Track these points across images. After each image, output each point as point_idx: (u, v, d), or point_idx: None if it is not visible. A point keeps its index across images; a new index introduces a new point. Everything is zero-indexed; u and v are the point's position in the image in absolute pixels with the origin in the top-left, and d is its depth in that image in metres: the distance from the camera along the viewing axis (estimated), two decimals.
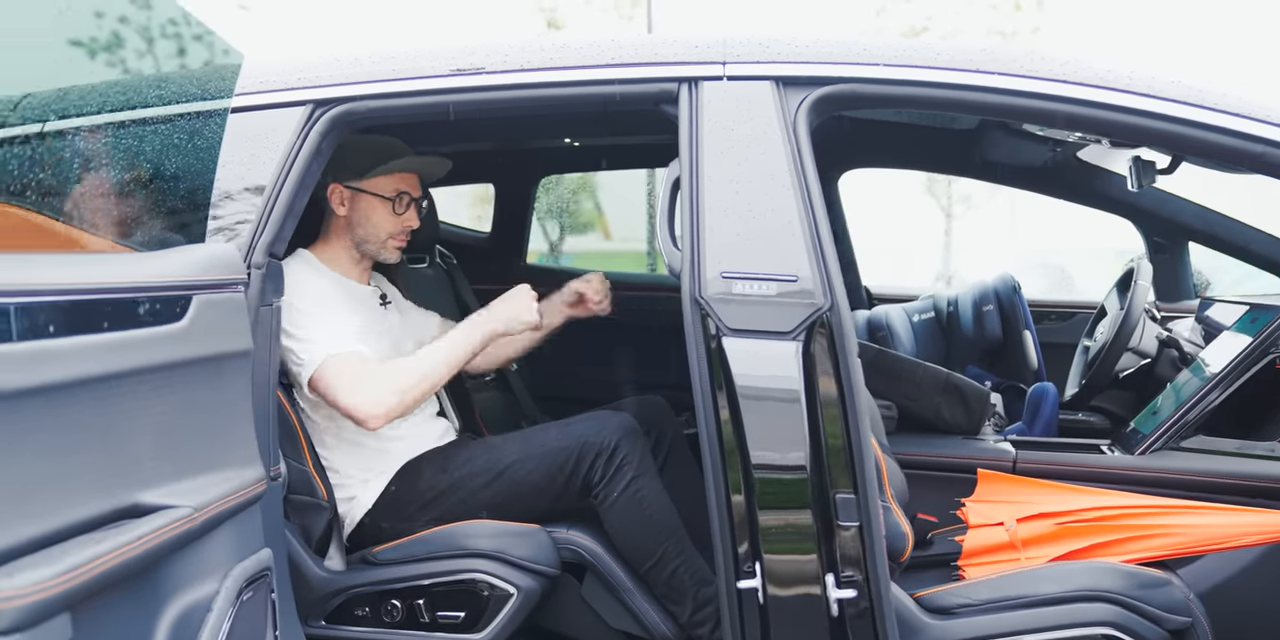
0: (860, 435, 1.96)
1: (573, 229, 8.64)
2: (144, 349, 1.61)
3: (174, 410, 1.69)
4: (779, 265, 1.99)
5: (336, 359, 2.30)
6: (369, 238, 2.54)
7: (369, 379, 2.29)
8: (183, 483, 1.68)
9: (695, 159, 2.06)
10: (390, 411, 2.29)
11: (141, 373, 1.60)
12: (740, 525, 1.99)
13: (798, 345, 1.96)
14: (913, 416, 2.92)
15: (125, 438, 1.57)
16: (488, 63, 2.17)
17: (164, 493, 1.62)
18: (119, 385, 1.55)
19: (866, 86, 2.07)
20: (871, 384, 2.85)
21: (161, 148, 1.93)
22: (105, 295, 1.57)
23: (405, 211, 2.55)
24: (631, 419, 2.42)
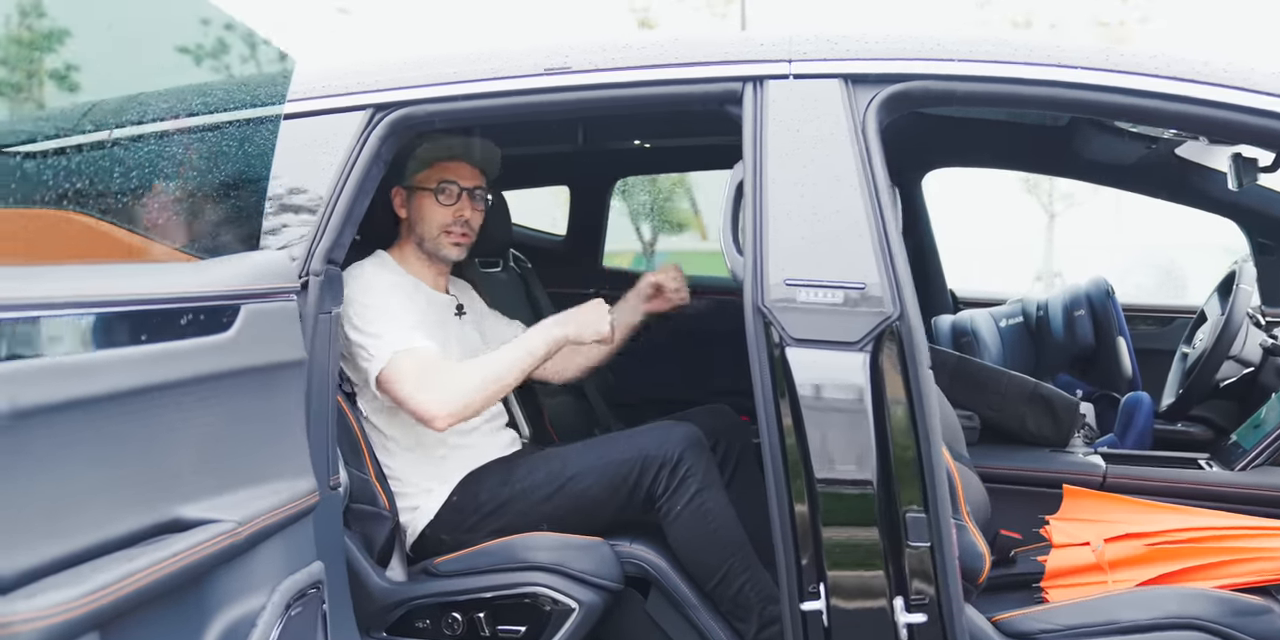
0: (932, 451, 1.86)
1: (667, 228, 8.57)
2: (189, 360, 1.59)
3: (220, 422, 1.66)
4: (845, 272, 1.90)
5: (404, 355, 2.26)
6: (425, 234, 2.52)
7: (437, 377, 2.26)
8: (228, 496, 1.65)
9: (759, 161, 1.98)
10: (456, 412, 2.25)
11: (186, 384, 1.58)
12: (804, 543, 1.91)
13: (865, 356, 1.87)
14: (997, 427, 2.79)
15: (167, 451, 1.55)
16: (548, 65, 2.12)
17: (207, 506, 1.59)
18: (162, 397, 1.53)
19: (939, 83, 1.97)
20: (953, 393, 2.75)
21: (212, 155, 1.92)
22: (149, 306, 1.55)
23: (454, 202, 2.50)
24: (696, 430, 2.35)
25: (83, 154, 2.01)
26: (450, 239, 2.51)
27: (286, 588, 1.73)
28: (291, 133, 2.19)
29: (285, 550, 1.78)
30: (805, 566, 1.91)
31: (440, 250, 2.52)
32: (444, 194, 2.49)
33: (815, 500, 1.89)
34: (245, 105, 2.00)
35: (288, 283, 1.88)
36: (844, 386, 1.88)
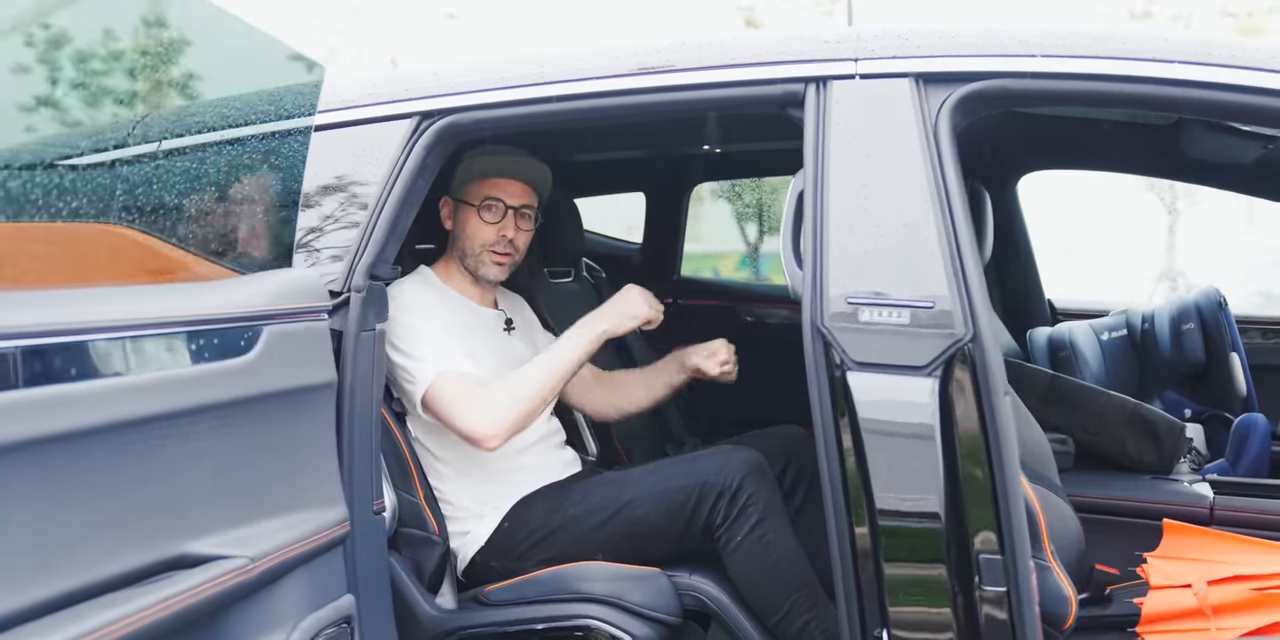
0: (1009, 487, 1.69)
1: (772, 231, 8.39)
2: (201, 387, 1.51)
3: (237, 451, 1.58)
4: (913, 289, 1.74)
5: (447, 377, 2.18)
6: (467, 250, 2.41)
7: (483, 397, 2.16)
8: (244, 529, 1.57)
9: (820, 168, 1.83)
10: (508, 429, 2.16)
11: (198, 412, 1.50)
12: (866, 582, 1.76)
13: (934, 382, 1.71)
14: (1093, 452, 2.60)
15: (176, 483, 1.47)
16: (596, 70, 2.00)
17: (219, 542, 1.51)
18: (169, 427, 1.45)
19: (1020, 82, 1.79)
20: (1045, 415, 2.55)
21: (241, 170, 1.84)
22: (156, 331, 1.47)
23: (499, 220, 2.39)
24: (758, 456, 2.20)
25: (126, 167, 1.94)
26: (492, 258, 2.40)
27: (308, 626, 1.65)
28: (335, 143, 2.11)
29: (309, 585, 1.69)
30: (867, 607, 1.76)
31: (480, 269, 2.41)
32: (489, 211, 2.39)
33: (877, 538, 1.73)
34: (273, 118, 1.91)
35: (316, 301, 1.79)
36: (910, 415, 1.72)
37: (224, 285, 1.70)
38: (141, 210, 1.82)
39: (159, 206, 1.83)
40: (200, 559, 1.47)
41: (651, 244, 4.01)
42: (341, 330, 1.98)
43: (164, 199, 1.80)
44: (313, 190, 2.09)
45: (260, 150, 1.87)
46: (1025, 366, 2.80)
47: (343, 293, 1.99)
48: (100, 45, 1.83)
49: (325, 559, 1.74)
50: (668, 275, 3.94)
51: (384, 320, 2.07)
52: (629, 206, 4.06)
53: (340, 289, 2.00)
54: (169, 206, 1.77)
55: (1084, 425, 2.60)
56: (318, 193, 2.08)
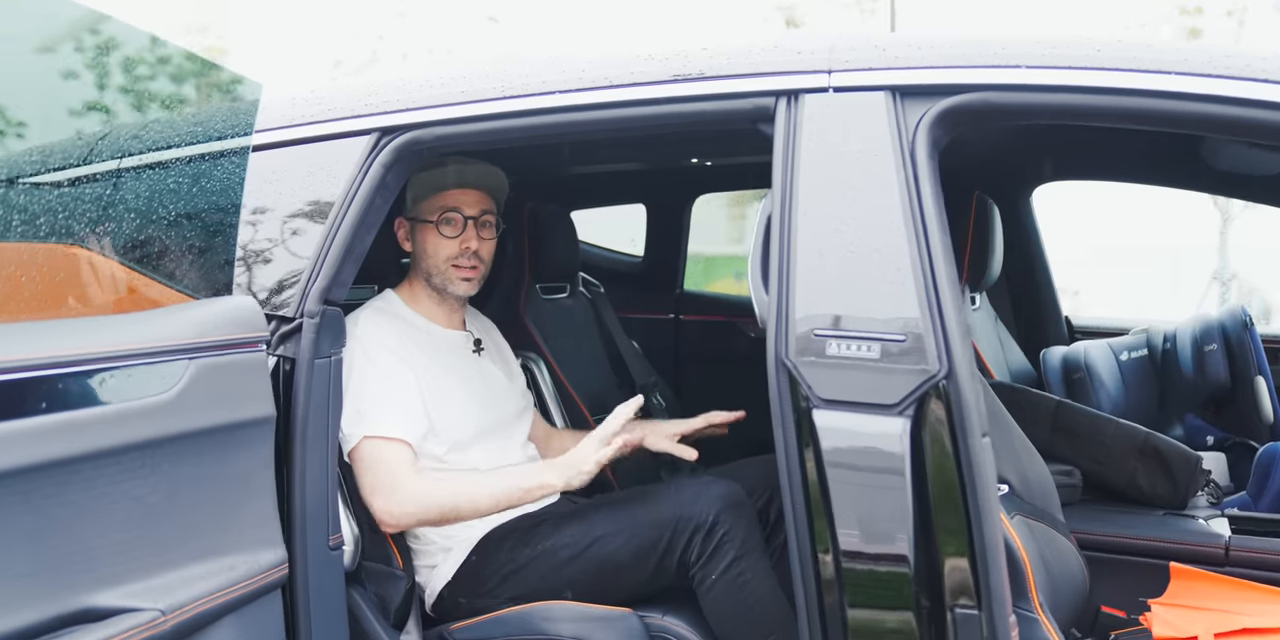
0: (986, 536, 1.56)
1: None
2: (110, 427, 1.42)
3: (156, 493, 1.49)
4: (884, 321, 1.61)
5: (375, 444, 2.08)
6: (431, 269, 2.30)
7: (399, 482, 2.06)
8: (160, 578, 1.47)
9: (789, 187, 1.71)
10: (404, 525, 2.09)
11: (105, 455, 1.41)
12: (833, 631, 1.64)
13: (905, 422, 1.58)
14: (1101, 484, 2.45)
15: (81, 530, 1.37)
16: (558, 84, 1.89)
17: (129, 592, 1.42)
18: (71, 471, 1.36)
19: (1003, 95, 1.65)
20: (1050, 445, 2.42)
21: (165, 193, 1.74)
22: (56, 371, 1.37)
23: (459, 232, 2.28)
24: (737, 489, 2.08)
25: (85, 186, 1.86)
26: (459, 273, 2.28)
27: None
28: (289, 161, 2.02)
29: (240, 633, 1.59)
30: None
31: (448, 286, 2.30)
32: (447, 225, 2.28)
33: (842, 582, 1.61)
34: (205, 138, 1.82)
35: (250, 332, 1.69)
36: (879, 458, 1.59)
37: (146, 317, 1.60)
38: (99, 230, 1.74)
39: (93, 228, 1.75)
40: (106, 612, 1.38)
41: (652, 257, 3.89)
42: (294, 358, 1.89)
43: (92, 222, 1.71)
44: (264, 212, 1.99)
45: (189, 172, 1.77)
46: (1030, 392, 2.66)
47: (295, 318, 1.90)
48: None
49: (259, 605, 1.64)
50: (669, 289, 3.83)
51: (341, 346, 1.98)
52: (635, 218, 3.95)
53: (292, 314, 1.90)
54: (99, 230, 1.68)
55: (1091, 455, 2.45)
56: (269, 214, 1.99)
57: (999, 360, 3.16)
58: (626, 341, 3.38)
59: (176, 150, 1.76)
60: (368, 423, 2.09)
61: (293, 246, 1.96)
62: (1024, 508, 1.97)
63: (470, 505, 2.07)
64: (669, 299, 3.79)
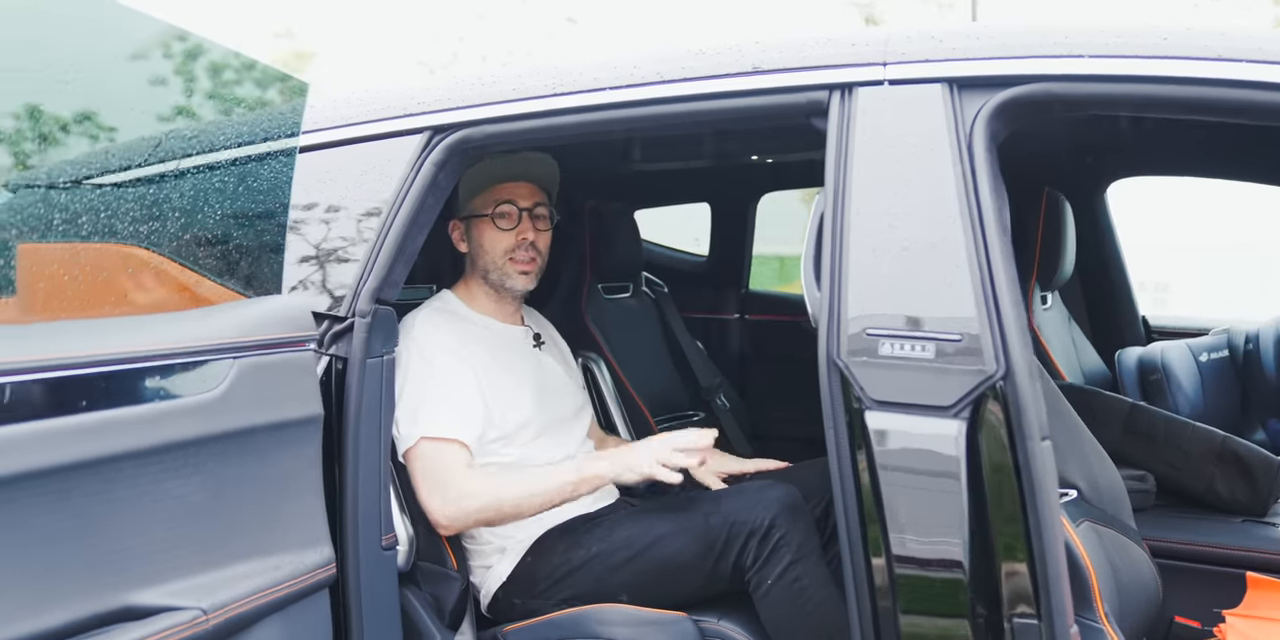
0: (1046, 543, 1.50)
1: None
2: (150, 427, 1.42)
3: (198, 493, 1.49)
4: (939, 320, 1.56)
5: (431, 445, 2.08)
6: (489, 266, 2.29)
7: (454, 482, 2.06)
8: (202, 577, 1.47)
9: (842, 183, 1.66)
10: (462, 525, 2.09)
11: (147, 453, 1.41)
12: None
13: (960, 424, 1.52)
14: (1178, 490, 2.36)
15: (123, 529, 1.38)
16: (615, 78, 1.86)
17: (171, 591, 1.42)
18: (115, 469, 1.36)
19: (1065, 85, 1.59)
20: (1123, 448, 2.34)
21: (220, 190, 1.75)
22: (101, 369, 1.38)
23: (515, 225, 2.27)
24: (793, 493, 2.03)
25: (145, 186, 1.88)
26: (517, 266, 2.27)
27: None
28: (342, 161, 2.03)
29: (283, 635, 1.59)
30: None
31: (507, 281, 2.29)
32: (503, 218, 2.27)
33: (896, 595, 1.56)
34: (257, 137, 1.82)
35: (296, 331, 1.69)
36: (934, 462, 1.54)
37: (190, 316, 1.61)
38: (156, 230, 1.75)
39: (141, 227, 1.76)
40: (147, 611, 1.38)
41: (717, 256, 3.85)
42: (346, 357, 1.89)
43: (139, 221, 1.73)
44: (317, 211, 2.00)
45: (237, 172, 1.77)
46: (1102, 394, 2.57)
47: (346, 318, 1.90)
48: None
49: (305, 605, 1.64)
50: (735, 289, 3.78)
51: (393, 346, 1.98)
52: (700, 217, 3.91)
53: (344, 314, 1.91)
54: (147, 229, 1.69)
55: (1166, 459, 2.36)
56: (323, 214, 2.00)
57: (1071, 362, 3.06)
58: (691, 342, 3.35)
59: (224, 151, 1.77)
60: (424, 423, 2.08)
61: (345, 246, 1.96)
62: (1093, 513, 1.90)
63: (527, 499, 2.06)
64: (734, 298, 3.74)
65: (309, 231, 1.99)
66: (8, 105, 1.60)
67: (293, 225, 1.99)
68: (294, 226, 1.98)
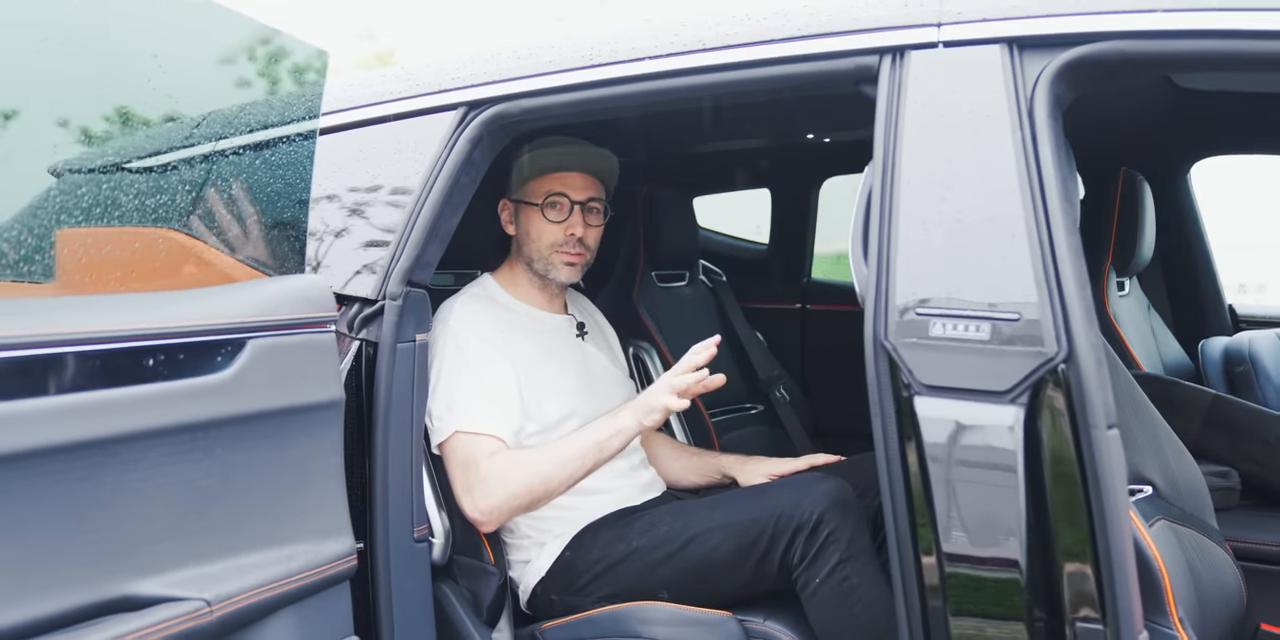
0: (1113, 539, 1.37)
1: None
2: (156, 408, 1.35)
3: (206, 478, 1.42)
4: (996, 298, 1.44)
5: (465, 439, 2.01)
6: (534, 254, 2.21)
7: (486, 478, 1.98)
8: (209, 566, 1.40)
9: (891, 153, 1.55)
10: (500, 517, 2.00)
11: (151, 436, 1.34)
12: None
13: (1018, 411, 1.40)
14: (1264, 487, 2.19)
15: (115, 515, 1.31)
16: (655, 47, 1.77)
17: (171, 581, 1.35)
18: (116, 451, 1.30)
19: (1137, 43, 1.45)
20: (1205, 442, 2.20)
21: (248, 173, 1.70)
22: (103, 346, 1.32)
23: (565, 217, 2.18)
24: (844, 487, 1.92)
25: (181, 170, 1.84)
26: (562, 258, 2.19)
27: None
28: (376, 139, 1.97)
29: (298, 628, 1.52)
30: None
31: (550, 271, 2.20)
32: (553, 209, 2.18)
33: (945, 594, 1.45)
34: (275, 113, 1.76)
35: (316, 311, 1.61)
36: (988, 450, 1.42)
37: (203, 294, 1.55)
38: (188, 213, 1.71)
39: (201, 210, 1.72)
40: (147, 601, 1.32)
41: (778, 244, 3.72)
42: (376, 342, 1.82)
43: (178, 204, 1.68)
44: (348, 191, 1.94)
45: (255, 148, 1.71)
46: (1181, 385, 2.41)
47: (377, 300, 1.84)
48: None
49: (322, 598, 1.57)
50: (796, 279, 3.65)
51: (426, 330, 1.91)
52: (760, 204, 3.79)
53: (375, 296, 1.84)
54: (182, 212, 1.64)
55: (1251, 454, 2.21)
56: (356, 193, 1.94)
57: (1150, 351, 2.89)
58: (750, 332, 3.24)
59: (243, 130, 1.71)
60: (459, 416, 2.01)
61: (378, 226, 1.90)
62: (1170, 511, 1.76)
63: (557, 469, 1.97)
64: (795, 288, 3.62)
65: (340, 212, 1.93)
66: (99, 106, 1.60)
67: (324, 205, 1.93)
68: (326, 206, 1.93)
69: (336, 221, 1.92)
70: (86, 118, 1.59)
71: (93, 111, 1.60)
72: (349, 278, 1.87)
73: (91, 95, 1.59)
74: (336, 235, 1.91)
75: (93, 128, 1.62)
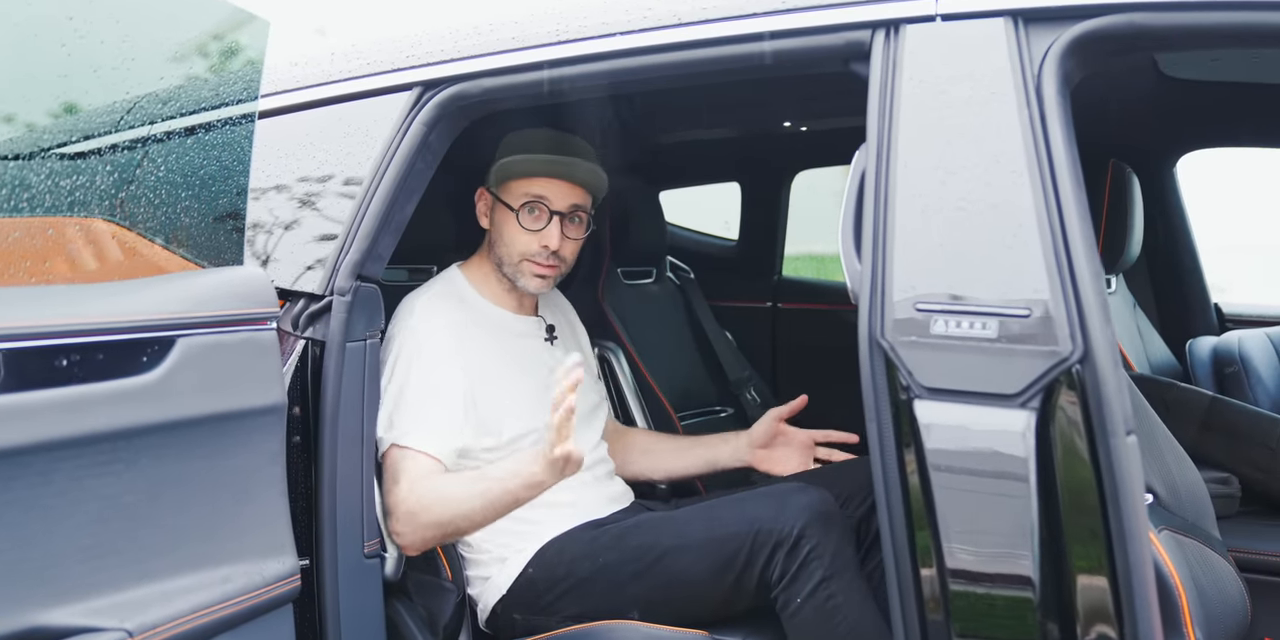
0: (1131, 553, 1.26)
1: None
2: (67, 414, 1.20)
3: (129, 493, 1.28)
4: (1003, 292, 1.32)
5: (400, 454, 1.85)
6: (504, 258, 2.06)
7: (407, 505, 1.81)
8: (130, 592, 1.26)
9: (886, 135, 1.43)
10: (416, 548, 1.84)
11: (64, 446, 1.20)
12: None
13: (1029, 415, 1.28)
14: (1265, 494, 2.11)
15: (23, 535, 1.16)
16: (627, 22, 1.64)
17: (88, 609, 1.21)
18: (10, 467, 1.15)
19: (1154, 16, 1.34)
20: (1203, 447, 2.10)
21: (182, 160, 1.55)
22: (7, 344, 1.17)
23: (542, 226, 2.02)
24: (826, 498, 1.79)
25: (105, 153, 1.68)
26: (533, 269, 2.03)
27: None
28: (326, 121, 1.84)
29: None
30: None
31: (519, 280, 2.05)
32: (530, 215, 2.03)
33: (948, 606, 1.33)
34: (214, 104, 1.62)
35: (259, 307, 1.47)
36: (996, 458, 1.30)
37: (127, 287, 1.39)
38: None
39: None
40: (59, 632, 1.17)
41: (748, 240, 3.60)
42: (324, 341, 1.68)
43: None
44: (291, 179, 1.81)
45: (188, 133, 1.57)
46: (1177, 386, 2.33)
47: (324, 296, 1.69)
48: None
49: (261, 623, 1.43)
50: (767, 276, 3.53)
51: (377, 328, 1.76)
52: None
53: (321, 292, 1.70)
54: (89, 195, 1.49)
55: (1252, 460, 2.13)
56: (297, 182, 1.80)
57: (1138, 351, 2.81)
58: (719, 331, 3.12)
59: (176, 111, 1.56)
60: (398, 430, 1.86)
61: (326, 216, 1.76)
62: (1172, 521, 1.66)
63: (473, 515, 1.79)
64: (766, 286, 3.50)
65: (286, 201, 1.79)
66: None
67: (268, 194, 1.79)
68: (270, 195, 1.78)
69: (281, 211, 1.78)
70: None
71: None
72: (295, 272, 1.73)
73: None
74: (281, 226, 1.77)
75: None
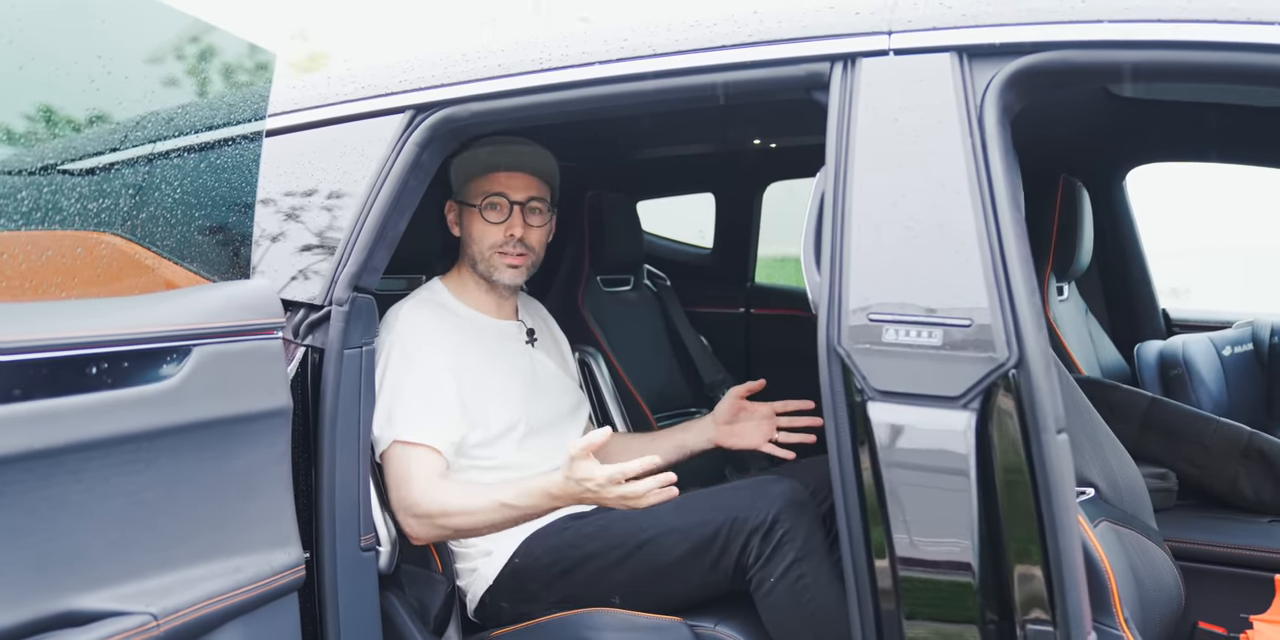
0: (1062, 543, 1.39)
1: None
2: (96, 418, 1.32)
3: (150, 490, 1.39)
4: (948, 304, 1.45)
5: (403, 449, 1.99)
6: (477, 256, 2.19)
7: (422, 492, 1.96)
8: (154, 580, 1.38)
9: (843, 160, 1.56)
10: (428, 539, 1.99)
11: (92, 447, 1.31)
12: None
13: (970, 416, 1.42)
14: (1200, 488, 2.25)
15: (57, 529, 1.28)
16: (605, 52, 1.77)
17: (117, 595, 1.32)
18: (46, 466, 1.26)
19: (1084, 53, 1.48)
20: (1143, 445, 2.24)
21: (193, 177, 1.66)
22: (41, 355, 1.28)
23: (505, 218, 2.16)
24: (797, 488, 1.93)
25: (124, 173, 1.79)
26: (505, 260, 2.17)
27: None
28: (323, 142, 1.95)
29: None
30: None
31: (494, 274, 2.18)
32: (492, 209, 2.16)
33: (900, 597, 1.46)
34: (220, 115, 1.73)
35: (266, 318, 1.59)
36: (940, 455, 1.44)
37: (147, 301, 1.51)
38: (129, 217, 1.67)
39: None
40: (90, 616, 1.28)
41: (722, 249, 3.73)
42: (323, 348, 1.80)
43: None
44: (293, 196, 1.91)
45: (199, 152, 1.68)
46: (1120, 388, 2.46)
47: (323, 306, 1.81)
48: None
49: (270, 610, 1.54)
50: (740, 283, 3.66)
51: (373, 337, 1.88)
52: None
53: (320, 302, 1.81)
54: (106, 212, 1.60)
55: (1188, 457, 2.26)
56: (299, 198, 1.91)
57: (1088, 355, 2.95)
58: (694, 337, 3.25)
59: (187, 127, 1.68)
60: (398, 426, 1.99)
61: (324, 231, 1.87)
62: (1111, 513, 1.80)
63: (486, 519, 1.95)
64: (739, 292, 3.63)
65: (286, 216, 1.90)
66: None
67: (270, 209, 1.90)
68: (271, 210, 1.90)
69: (282, 226, 1.89)
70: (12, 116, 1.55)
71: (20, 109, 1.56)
72: (295, 283, 1.84)
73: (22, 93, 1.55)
74: (282, 240, 1.88)
75: (16, 126, 1.58)
